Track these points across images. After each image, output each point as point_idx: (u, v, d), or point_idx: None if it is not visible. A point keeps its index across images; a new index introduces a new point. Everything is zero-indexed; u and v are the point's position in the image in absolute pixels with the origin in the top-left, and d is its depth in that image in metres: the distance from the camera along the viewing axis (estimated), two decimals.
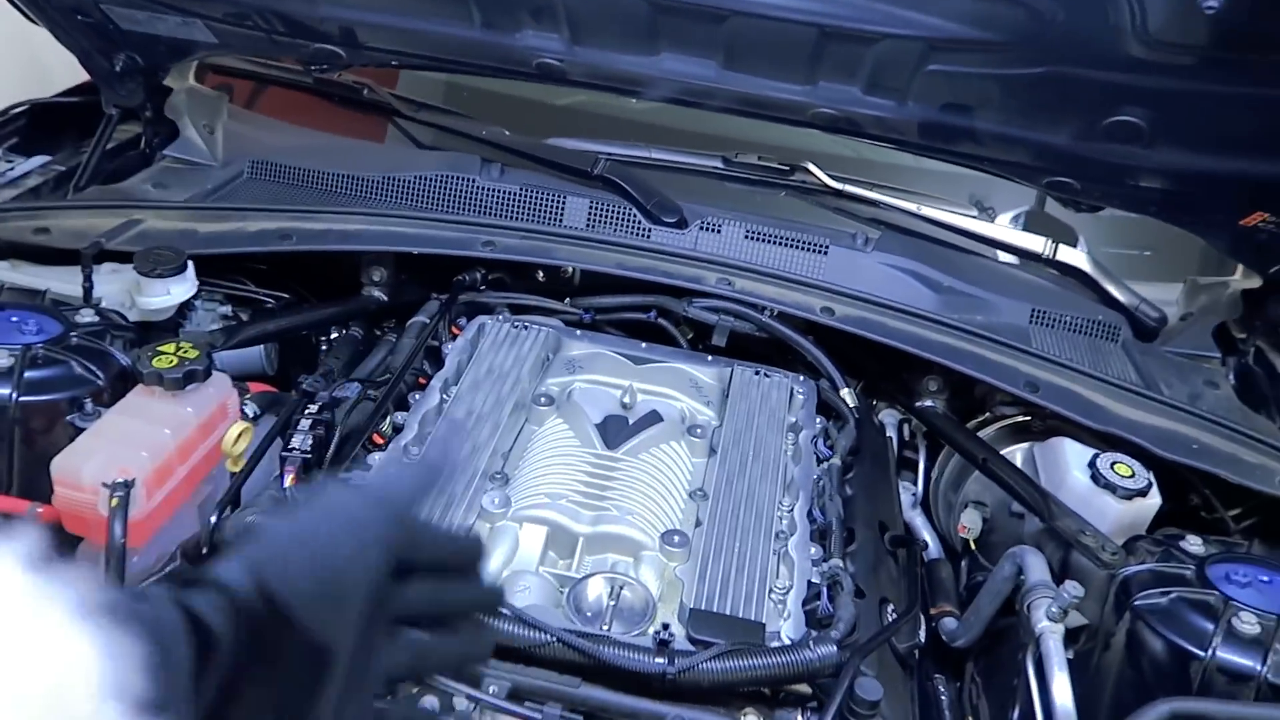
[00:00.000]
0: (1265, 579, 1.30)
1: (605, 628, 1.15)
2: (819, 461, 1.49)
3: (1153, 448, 1.54)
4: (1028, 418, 1.72)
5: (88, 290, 1.56)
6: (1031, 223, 2.12)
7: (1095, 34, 1.42)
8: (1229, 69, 1.43)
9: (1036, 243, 1.85)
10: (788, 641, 1.13)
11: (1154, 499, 1.50)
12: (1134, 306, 1.85)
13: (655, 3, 1.56)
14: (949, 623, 1.54)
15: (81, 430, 1.29)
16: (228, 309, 1.72)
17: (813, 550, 1.30)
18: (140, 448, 1.25)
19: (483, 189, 1.80)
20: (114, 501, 1.17)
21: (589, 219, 1.79)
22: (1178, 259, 2.05)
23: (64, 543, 1.25)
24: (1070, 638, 1.39)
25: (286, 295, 1.79)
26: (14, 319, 1.40)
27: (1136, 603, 1.29)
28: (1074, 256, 1.85)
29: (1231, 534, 1.55)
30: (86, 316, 1.46)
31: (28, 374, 1.30)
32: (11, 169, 1.84)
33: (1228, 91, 1.46)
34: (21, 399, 1.28)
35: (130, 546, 1.22)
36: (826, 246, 1.77)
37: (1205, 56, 1.42)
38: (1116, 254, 2.11)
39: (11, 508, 1.25)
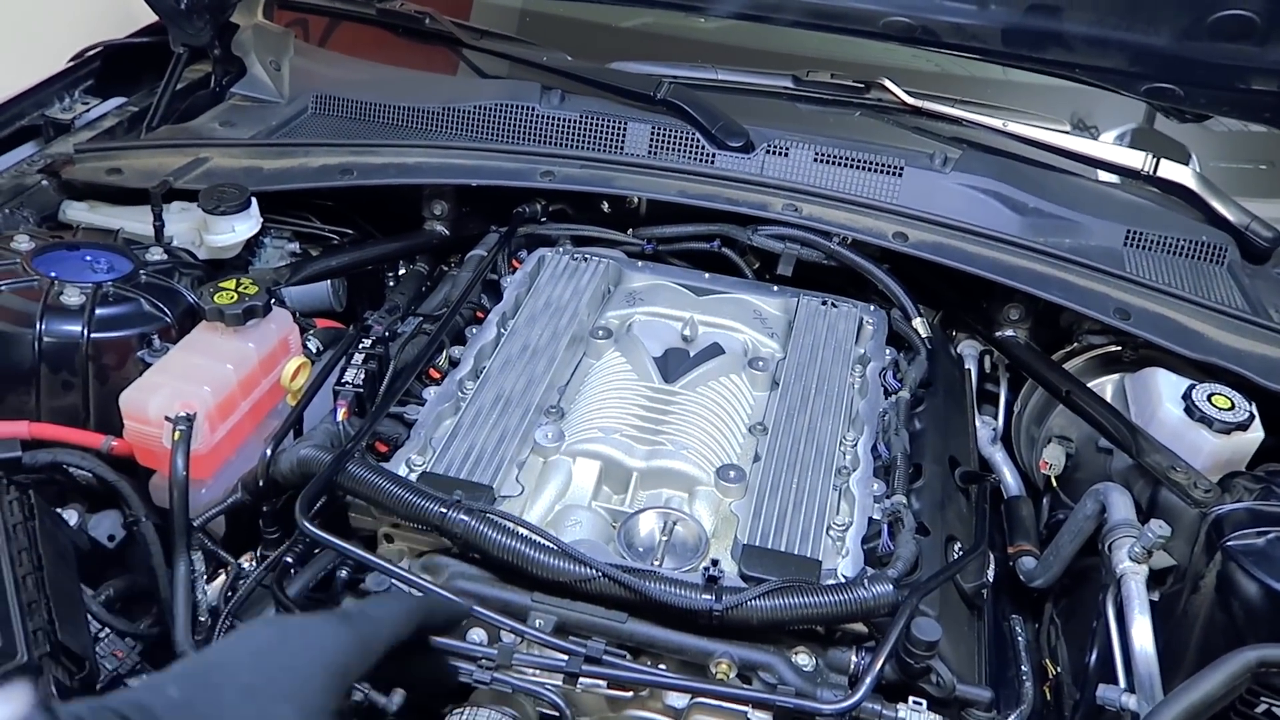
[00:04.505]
0: None
1: (657, 563, 1.13)
2: (887, 394, 1.42)
3: (1257, 378, 1.43)
4: (1118, 347, 1.62)
5: (158, 229, 1.60)
6: (1139, 140, 1.95)
7: None
8: None
9: (1135, 158, 1.70)
10: (844, 579, 1.10)
11: (1255, 433, 1.40)
12: (1244, 225, 1.69)
13: None
14: (1027, 562, 1.48)
15: (150, 365, 1.32)
16: (296, 246, 1.74)
17: (875, 486, 1.25)
18: (202, 382, 1.27)
19: (542, 117, 1.76)
20: (176, 435, 1.20)
21: (651, 145, 1.73)
22: None
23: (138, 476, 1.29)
24: (1158, 579, 1.32)
25: (351, 231, 1.80)
26: (87, 258, 1.45)
27: (1229, 543, 1.20)
28: (1176, 172, 1.70)
29: None
30: (155, 255, 1.49)
31: (98, 311, 1.34)
32: (88, 110, 1.88)
33: None
34: (93, 335, 1.32)
35: (197, 479, 1.26)
36: (901, 168, 1.67)
37: None
38: (1228, 168, 1.94)
39: (88, 441, 1.30)
